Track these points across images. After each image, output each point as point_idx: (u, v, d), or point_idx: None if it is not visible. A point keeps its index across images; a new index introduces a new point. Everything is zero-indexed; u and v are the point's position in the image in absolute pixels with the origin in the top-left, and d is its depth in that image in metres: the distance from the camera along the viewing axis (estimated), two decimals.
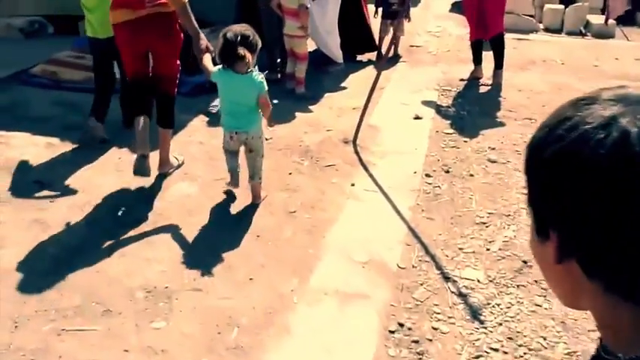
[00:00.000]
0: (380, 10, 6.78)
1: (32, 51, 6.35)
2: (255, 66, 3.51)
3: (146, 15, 3.68)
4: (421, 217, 3.66)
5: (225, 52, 3.37)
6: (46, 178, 3.97)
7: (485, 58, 6.09)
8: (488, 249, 3.35)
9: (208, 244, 3.32)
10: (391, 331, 2.71)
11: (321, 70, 6.21)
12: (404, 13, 6.16)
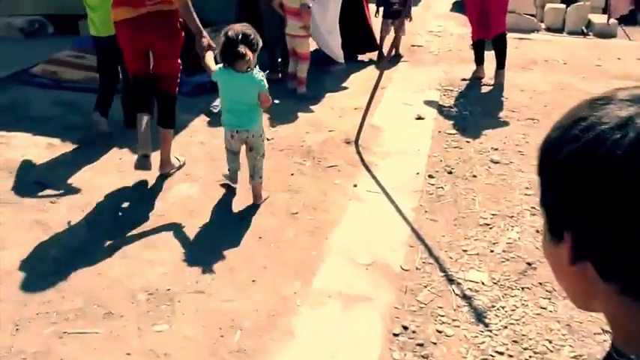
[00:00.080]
0: (381, 9, 6.76)
1: (32, 51, 6.33)
2: (256, 65, 3.52)
3: (147, 13, 3.69)
4: (424, 219, 3.64)
5: (226, 50, 3.38)
6: (46, 178, 3.95)
7: (487, 57, 6.07)
8: (492, 251, 3.32)
9: (210, 246, 3.30)
10: (395, 334, 2.68)
11: (322, 70, 6.18)
12: (405, 12, 6.14)
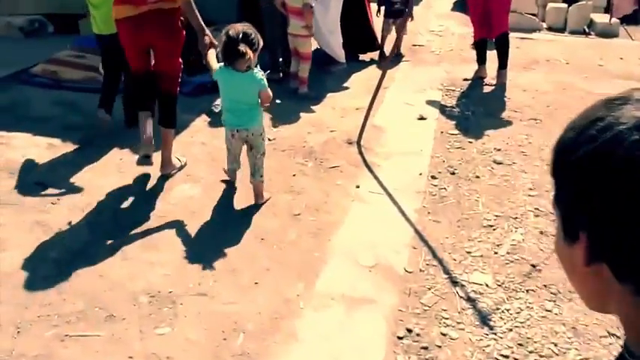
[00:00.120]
0: (382, 9, 6.73)
1: (32, 50, 6.31)
2: (257, 65, 3.52)
3: (148, 11, 3.68)
4: (427, 220, 3.62)
5: (227, 49, 3.39)
6: (47, 179, 3.93)
7: (489, 57, 6.04)
8: (496, 252, 3.30)
9: (212, 247, 3.28)
10: (399, 337, 2.66)
11: (323, 69, 6.16)
12: (407, 12, 6.11)
